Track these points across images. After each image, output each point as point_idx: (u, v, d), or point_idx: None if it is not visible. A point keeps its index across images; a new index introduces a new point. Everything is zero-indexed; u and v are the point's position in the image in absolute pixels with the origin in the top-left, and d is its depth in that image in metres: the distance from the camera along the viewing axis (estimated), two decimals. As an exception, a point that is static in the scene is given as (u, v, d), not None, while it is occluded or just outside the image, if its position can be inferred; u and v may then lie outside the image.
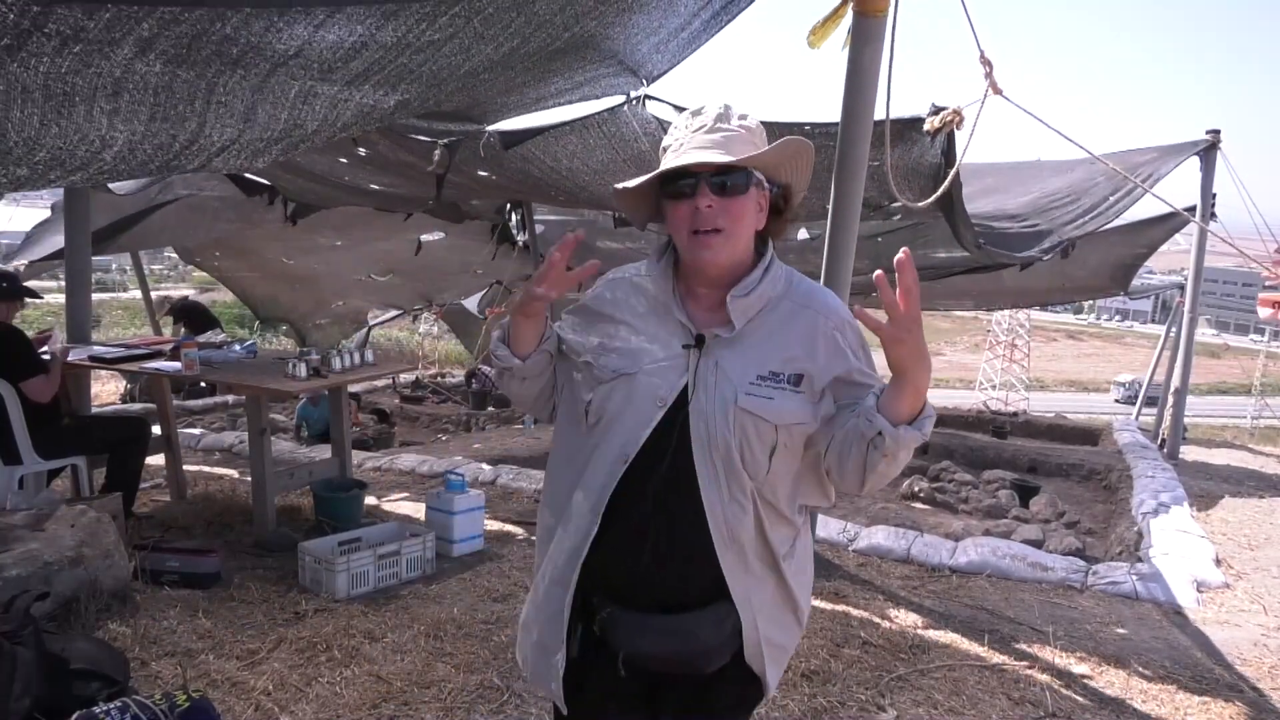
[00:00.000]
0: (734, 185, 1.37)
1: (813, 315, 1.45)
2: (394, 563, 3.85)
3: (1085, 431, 12.00)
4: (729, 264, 1.42)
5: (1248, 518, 5.78)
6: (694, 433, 1.39)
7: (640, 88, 3.74)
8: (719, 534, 1.40)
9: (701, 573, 1.42)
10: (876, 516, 6.73)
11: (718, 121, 1.41)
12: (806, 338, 1.43)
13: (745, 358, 1.41)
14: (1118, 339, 73.53)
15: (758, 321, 1.43)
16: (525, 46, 2.74)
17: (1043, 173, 7.14)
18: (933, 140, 3.93)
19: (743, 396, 1.38)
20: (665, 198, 1.42)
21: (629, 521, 1.42)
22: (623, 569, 1.43)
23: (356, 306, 12.61)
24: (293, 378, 4.20)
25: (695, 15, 3.18)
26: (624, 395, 1.43)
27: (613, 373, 1.44)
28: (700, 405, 1.39)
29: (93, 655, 2.59)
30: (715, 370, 1.40)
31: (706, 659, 1.44)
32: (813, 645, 3.28)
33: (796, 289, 1.48)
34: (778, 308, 1.45)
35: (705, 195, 1.36)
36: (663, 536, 1.40)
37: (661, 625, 1.41)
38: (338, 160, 5.77)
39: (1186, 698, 3.12)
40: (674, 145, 1.42)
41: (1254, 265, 9.27)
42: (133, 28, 1.76)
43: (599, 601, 1.45)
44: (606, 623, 1.44)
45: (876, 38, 3.40)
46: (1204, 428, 21.83)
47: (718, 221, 1.37)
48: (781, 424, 1.40)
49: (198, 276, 13.67)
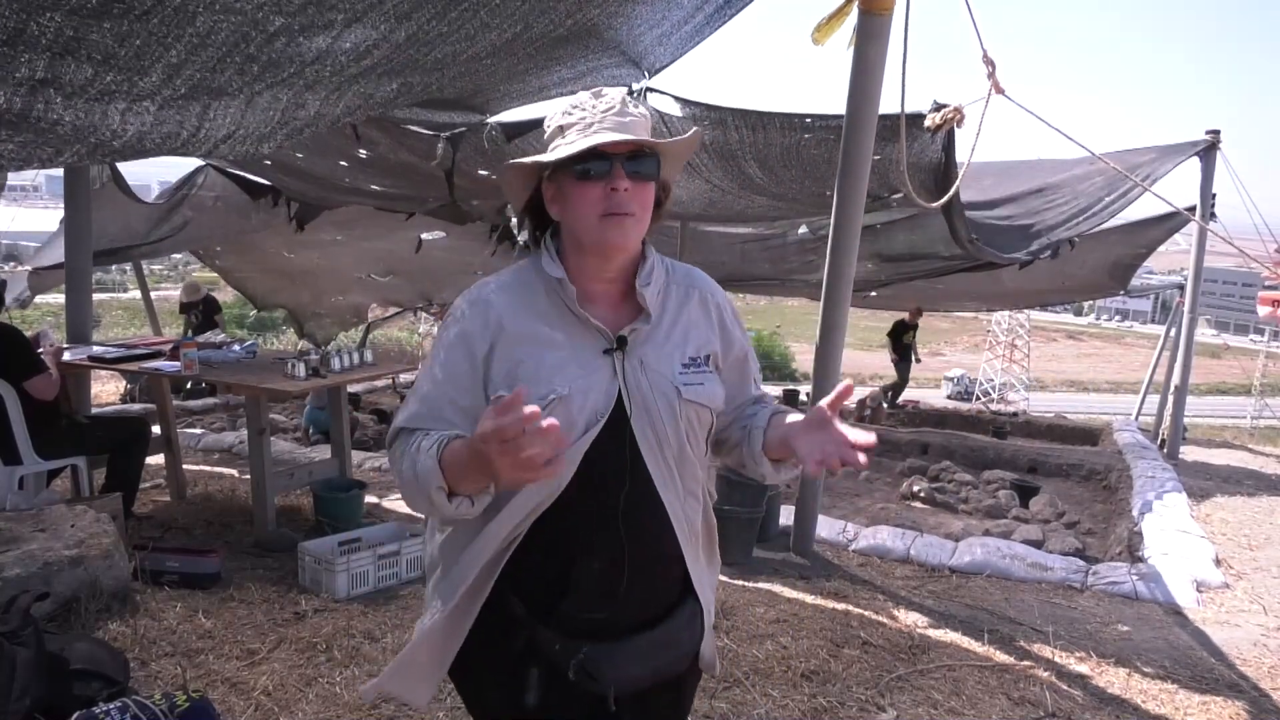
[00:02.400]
0: (647, 170, 1.31)
1: (700, 295, 1.43)
2: (394, 563, 3.85)
3: (1085, 431, 12.00)
4: (636, 250, 1.35)
5: (1248, 518, 5.78)
6: (640, 437, 1.30)
7: (643, 80, 3.74)
8: (682, 532, 1.35)
9: (669, 577, 1.38)
10: (876, 516, 6.73)
11: (624, 105, 1.32)
12: (703, 318, 1.41)
13: (663, 350, 1.35)
14: (1118, 339, 73.50)
15: (662, 311, 1.38)
16: (529, 32, 2.74)
17: (1040, 172, 7.15)
18: (933, 137, 3.94)
19: (684, 389, 1.34)
20: (570, 178, 1.29)
21: (601, 550, 1.31)
22: (601, 603, 1.32)
23: (357, 302, 12.63)
24: (292, 378, 4.20)
25: (699, 9, 3.19)
26: (562, 420, 1.18)
27: (542, 400, 1.25)
28: (641, 408, 1.31)
29: (93, 655, 2.59)
30: (642, 369, 1.32)
31: (686, 661, 1.43)
32: (813, 645, 3.28)
33: (675, 270, 1.44)
34: (670, 294, 1.40)
35: (621, 177, 1.28)
36: (637, 553, 1.32)
37: (644, 645, 1.35)
38: (339, 164, 5.78)
39: (1186, 697, 3.12)
40: (578, 124, 1.30)
41: (1254, 265, 9.27)
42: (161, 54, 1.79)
43: (564, 647, 1.31)
44: (585, 663, 1.31)
45: (881, 35, 3.41)
46: (1204, 428, 21.82)
47: (630, 205, 1.29)
48: (715, 407, 1.39)
49: (198, 276, 13.66)
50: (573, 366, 1.30)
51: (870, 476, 9.13)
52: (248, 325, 25.84)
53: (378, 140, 4.95)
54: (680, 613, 1.39)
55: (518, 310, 1.33)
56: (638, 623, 1.35)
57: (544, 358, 1.29)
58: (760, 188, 5.41)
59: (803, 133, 4.40)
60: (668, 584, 1.39)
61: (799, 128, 4.37)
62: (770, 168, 5.00)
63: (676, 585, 1.39)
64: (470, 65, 2.89)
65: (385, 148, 5.08)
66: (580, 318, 1.32)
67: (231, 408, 9.76)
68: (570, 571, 1.31)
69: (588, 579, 1.32)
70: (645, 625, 1.36)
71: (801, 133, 4.40)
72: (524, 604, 1.34)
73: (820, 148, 4.53)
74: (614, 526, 1.31)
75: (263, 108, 2.38)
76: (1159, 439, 9.63)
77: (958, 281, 7.91)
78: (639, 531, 1.32)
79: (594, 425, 1.28)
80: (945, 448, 9.64)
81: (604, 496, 1.30)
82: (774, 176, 5.17)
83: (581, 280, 1.33)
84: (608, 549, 1.31)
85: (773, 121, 4.33)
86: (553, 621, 1.32)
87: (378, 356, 5.30)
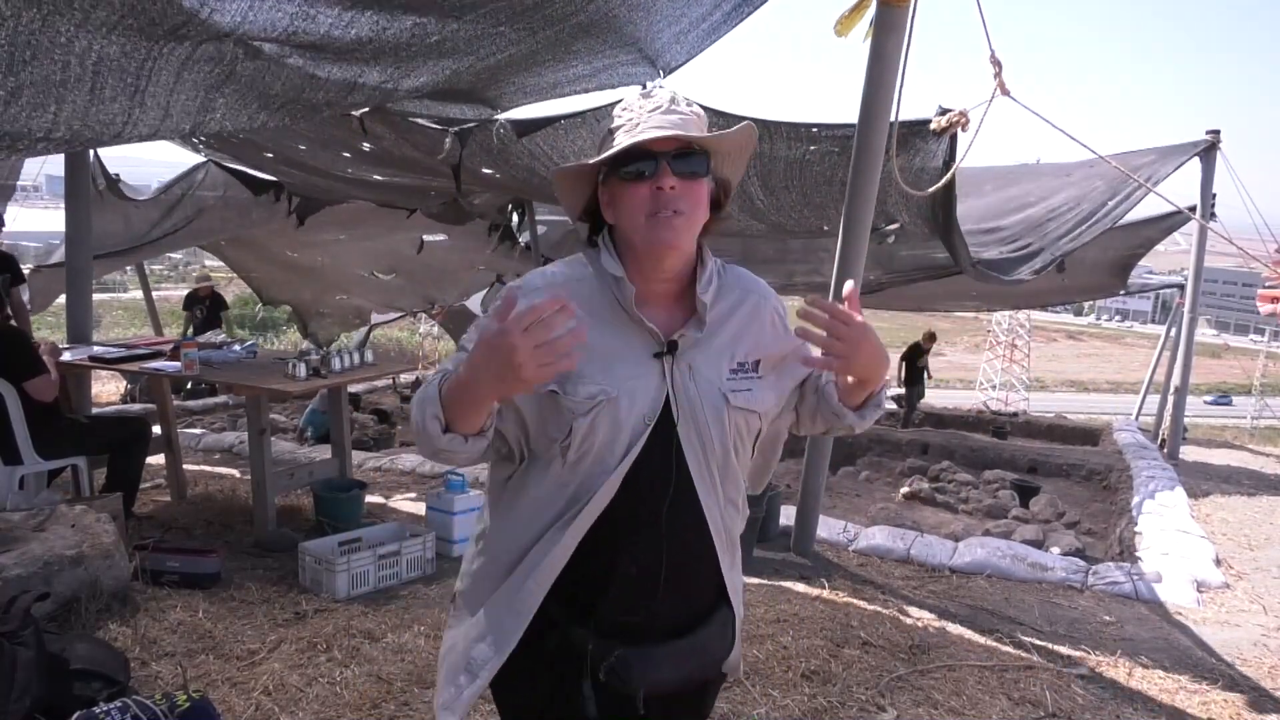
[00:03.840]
0: (696, 167, 1.29)
1: (756, 299, 1.41)
2: (394, 563, 3.85)
3: (1085, 432, 12.02)
4: (689, 250, 1.33)
5: (1248, 518, 5.78)
6: (686, 444, 1.30)
7: (657, 78, 3.73)
8: (720, 541, 1.35)
9: (706, 584, 1.38)
10: (876, 516, 6.74)
11: (672, 104, 1.31)
12: (755, 323, 1.39)
13: (712, 355, 1.34)
14: (1118, 339, 73.52)
15: (712, 315, 1.36)
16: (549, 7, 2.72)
17: (1041, 177, 7.14)
18: (938, 139, 3.95)
19: (732, 395, 1.33)
20: (618, 180, 1.29)
21: (640, 554, 1.31)
22: (637, 607, 1.32)
23: (358, 305, 12.64)
24: (292, 378, 4.20)
25: (717, 6, 3.19)
26: (610, 422, 1.26)
27: (590, 399, 1.26)
28: (689, 415, 1.30)
29: (93, 655, 2.59)
30: (690, 375, 1.31)
31: (718, 667, 1.43)
32: (813, 645, 3.28)
33: (732, 275, 1.42)
34: (725, 298, 1.38)
35: (668, 176, 1.26)
36: (676, 560, 1.32)
37: (675, 651, 1.34)
38: (341, 155, 5.77)
39: (1187, 697, 3.12)
40: (626, 125, 1.30)
41: (1254, 265, 9.27)
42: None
43: (599, 646, 1.31)
44: (617, 666, 1.31)
45: (900, 26, 3.48)
46: (1204, 428, 21.84)
47: (679, 204, 1.27)
48: (764, 412, 1.37)
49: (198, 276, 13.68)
50: (622, 367, 1.28)
51: (870, 476, 9.14)
52: (254, 325, 25.86)
53: (383, 135, 4.94)
54: (714, 620, 1.39)
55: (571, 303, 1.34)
56: (671, 628, 1.35)
57: (593, 355, 1.26)
58: (759, 212, 5.42)
59: (809, 144, 4.39)
60: (702, 591, 1.39)
61: (805, 138, 4.37)
62: (772, 189, 5.00)
63: (711, 592, 1.39)
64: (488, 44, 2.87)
65: (390, 142, 5.07)
66: (634, 318, 1.30)
67: (232, 408, 9.77)
68: (608, 574, 1.31)
69: (625, 582, 1.31)
70: (679, 631, 1.35)
71: (808, 144, 4.40)
72: (560, 605, 1.32)
73: (823, 163, 4.52)
74: (654, 531, 1.30)
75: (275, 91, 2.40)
76: (1159, 439, 9.64)
77: (958, 281, 7.91)
78: (678, 537, 1.32)
79: (642, 430, 1.27)
80: (945, 448, 9.65)
81: (647, 501, 1.29)
82: (774, 200, 5.17)
83: (636, 281, 1.31)
84: (646, 553, 1.30)
85: (779, 131, 4.33)
86: (589, 623, 1.32)
87: (378, 357, 5.30)
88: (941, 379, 43.38)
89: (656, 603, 1.32)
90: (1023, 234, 6.38)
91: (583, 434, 1.26)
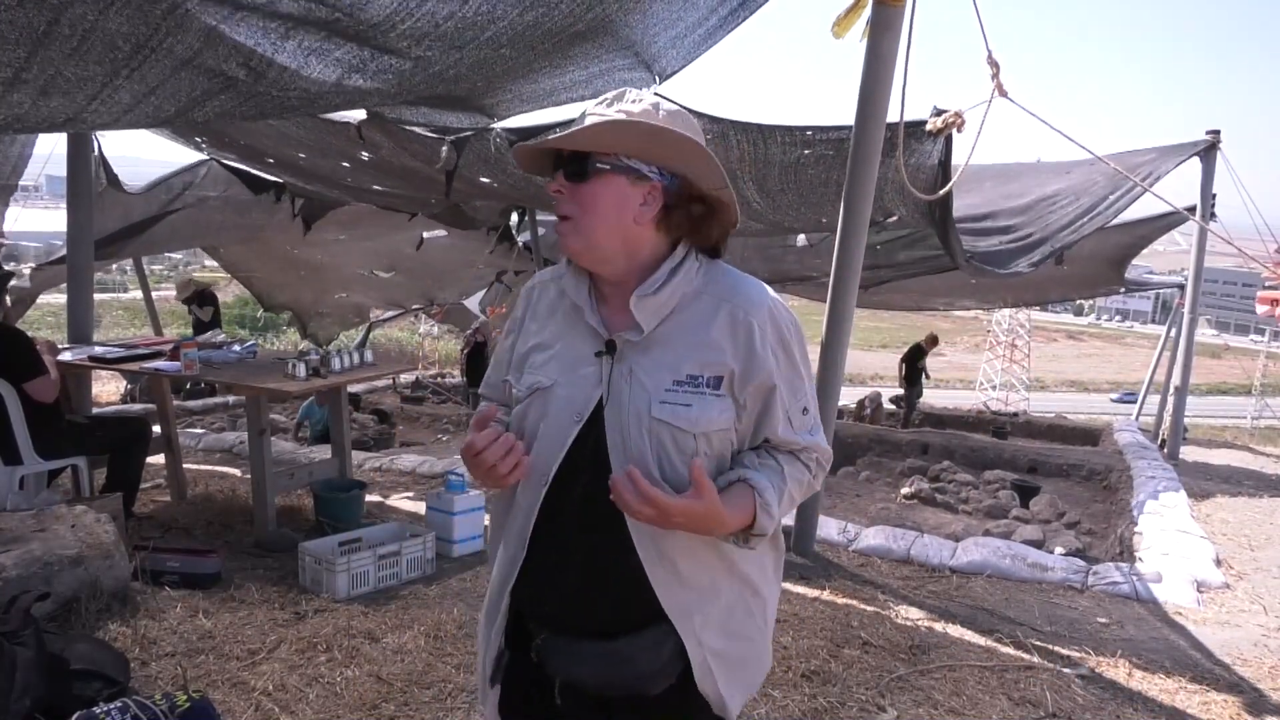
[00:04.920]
0: (574, 169, 1.26)
1: (732, 308, 1.30)
2: (394, 563, 3.84)
3: (1085, 432, 12.02)
4: (602, 253, 1.30)
5: (1248, 518, 5.78)
6: (611, 446, 1.27)
7: (653, 85, 3.74)
8: (645, 552, 1.29)
9: (635, 594, 1.30)
10: (876, 516, 6.74)
11: (614, 101, 1.29)
12: (726, 334, 1.29)
13: (660, 362, 1.28)
14: (1118, 339, 73.52)
15: (672, 322, 1.30)
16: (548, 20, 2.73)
17: (1040, 175, 7.14)
18: (934, 140, 3.96)
19: (657, 406, 1.26)
20: None
21: (553, 544, 1.33)
22: (553, 594, 1.34)
23: (359, 302, 12.66)
24: (292, 378, 4.20)
25: (713, 10, 3.19)
26: (539, 411, 1.32)
27: (528, 389, 1.34)
28: (615, 417, 1.28)
29: (93, 655, 2.59)
30: (629, 378, 1.28)
31: (646, 683, 1.33)
32: (813, 645, 3.28)
33: (718, 282, 1.33)
34: (693, 305, 1.31)
35: (558, 178, 1.28)
36: (589, 558, 1.31)
37: (596, 651, 1.32)
38: (340, 164, 5.78)
39: (1187, 697, 3.12)
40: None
41: (1254, 265, 9.27)
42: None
43: (534, 628, 1.37)
44: (542, 649, 1.35)
45: (895, 26, 3.50)
46: (1204, 428, 21.83)
47: (564, 207, 1.28)
48: (700, 432, 1.27)
49: (198, 278, 13.68)
50: (566, 361, 1.34)
51: (870, 477, 9.14)
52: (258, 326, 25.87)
53: (380, 143, 4.94)
54: (645, 633, 1.32)
55: (545, 302, 1.42)
56: (596, 628, 1.32)
57: (543, 349, 1.37)
58: (756, 214, 5.42)
59: (803, 148, 4.39)
60: (634, 603, 1.31)
61: (800, 142, 4.37)
62: (768, 192, 4.99)
63: (644, 606, 1.31)
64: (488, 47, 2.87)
65: (388, 151, 5.07)
66: (585, 317, 1.34)
67: (232, 407, 9.78)
68: (527, 558, 1.36)
69: (539, 569, 1.35)
70: (605, 634, 1.32)
71: (802, 148, 4.40)
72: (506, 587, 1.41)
73: (819, 166, 4.52)
74: (566, 521, 1.32)
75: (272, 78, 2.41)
76: (1159, 439, 9.64)
77: (956, 276, 7.92)
78: (593, 535, 1.31)
79: (572, 424, 1.30)
80: (945, 448, 9.65)
81: (569, 490, 1.31)
82: (771, 202, 5.17)
83: (597, 279, 1.36)
84: (557, 543, 1.33)
85: (774, 135, 4.33)
86: (522, 606, 1.39)
87: (378, 357, 5.30)
88: (941, 379, 43.38)
89: (570, 597, 1.33)
90: (1023, 224, 6.38)
91: (518, 420, 1.36)
